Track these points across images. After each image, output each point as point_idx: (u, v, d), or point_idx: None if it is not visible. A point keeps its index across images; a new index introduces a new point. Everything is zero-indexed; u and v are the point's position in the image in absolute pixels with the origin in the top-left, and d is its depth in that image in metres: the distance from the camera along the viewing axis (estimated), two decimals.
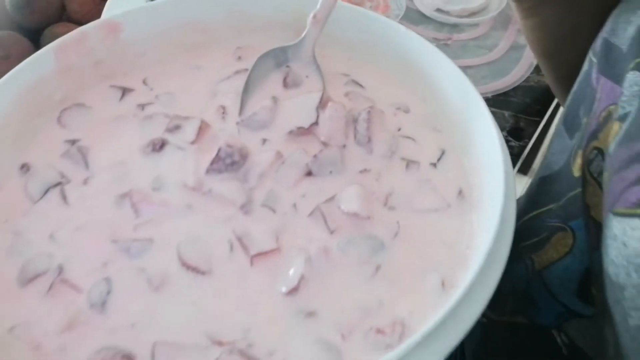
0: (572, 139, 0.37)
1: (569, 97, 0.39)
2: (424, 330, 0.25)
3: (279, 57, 0.42)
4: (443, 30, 0.74)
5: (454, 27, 0.75)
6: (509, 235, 0.30)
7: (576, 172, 0.34)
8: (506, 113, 0.30)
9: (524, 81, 0.66)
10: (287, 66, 0.42)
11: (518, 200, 0.40)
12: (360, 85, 0.42)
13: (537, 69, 0.68)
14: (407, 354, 0.25)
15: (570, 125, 0.38)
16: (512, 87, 0.66)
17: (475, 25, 0.74)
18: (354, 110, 0.39)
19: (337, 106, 0.39)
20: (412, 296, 0.31)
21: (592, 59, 0.36)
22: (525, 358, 0.38)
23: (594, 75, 0.35)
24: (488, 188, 0.33)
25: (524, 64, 0.68)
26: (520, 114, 0.63)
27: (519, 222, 0.39)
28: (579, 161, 0.34)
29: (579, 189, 0.34)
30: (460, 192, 0.36)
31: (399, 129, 0.39)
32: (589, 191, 0.32)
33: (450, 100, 0.38)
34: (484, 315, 0.40)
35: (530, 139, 0.61)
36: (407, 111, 0.40)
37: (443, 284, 0.32)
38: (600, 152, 0.32)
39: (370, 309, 0.31)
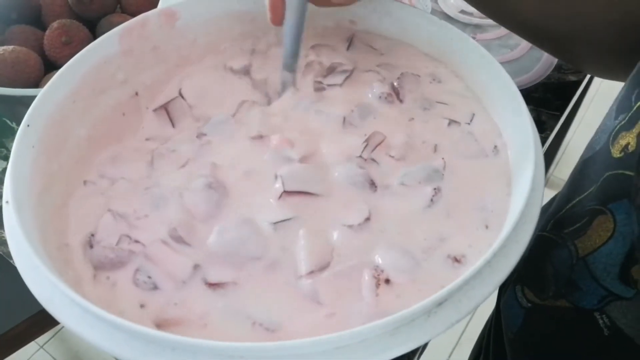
0: (616, 119, 0.37)
1: (628, 78, 0.39)
2: (476, 265, 0.29)
3: None
4: (467, 31, 0.77)
5: (477, 27, 0.78)
6: (541, 186, 0.33)
7: (616, 153, 0.34)
8: (528, 107, 0.34)
9: (545, 78, 0.69)
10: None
11: (560, 190, 0.41)
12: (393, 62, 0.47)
13: (557, 68, 0.70)
14: (461, 287, 0.28)
15: (620, 105, 0.38)
16: (533, 84, 0.68)
17: (498, 25, 0.77)
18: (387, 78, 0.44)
19: None
20: (464, 232, 0.35)
21: None
22: (566, 340, 0.38)
23: None
24: (519, 147, 0.37)
25: (545, 62, 0.70)
26: (541, 108, 0.66)
27: (562, 210, 0.39)
28: (621, 142, 0.34)
29: (618, 170, 0.34)
30: (495, 147, 0.40)
31: (435, 95, 0.44)
32: None
33: (481, 82, 0.42)
34: (528, 300, 0.42)
35: (551, 132, 0.63)
36: (439, 81, 0.45)
37: (487, 227, 0.35)
38: None
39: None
